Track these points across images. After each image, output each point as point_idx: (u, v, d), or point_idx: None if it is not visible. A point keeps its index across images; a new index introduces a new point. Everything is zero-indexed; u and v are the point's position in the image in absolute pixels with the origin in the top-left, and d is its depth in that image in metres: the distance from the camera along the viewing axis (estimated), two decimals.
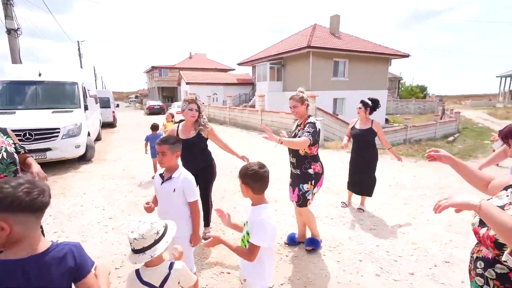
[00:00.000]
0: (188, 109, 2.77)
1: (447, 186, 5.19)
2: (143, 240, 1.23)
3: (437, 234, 3.31)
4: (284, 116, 11.42)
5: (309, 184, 2.69)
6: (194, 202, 1.98)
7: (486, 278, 1.08)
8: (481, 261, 1.11)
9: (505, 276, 1.01)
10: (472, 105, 41.83)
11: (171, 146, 1.90)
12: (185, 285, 1.41)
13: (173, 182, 1.92)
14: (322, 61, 16.50)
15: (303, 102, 2.69)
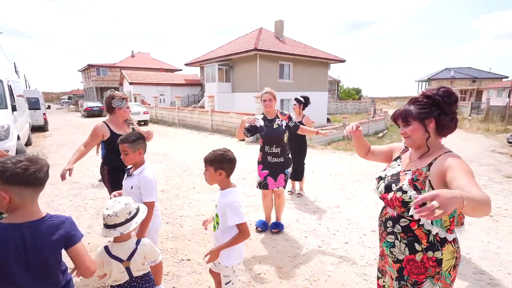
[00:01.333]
0: (126, 107, 2.67)
1: (375, 172, 6.05)
2: (116, 218, 1.38)
3: (366, 210, 3.94)
4: (234, 116, 11.71)
5: (290, 167, 3.21)
6: (150, 203, 1.88)
7: (395, 233, 1.30)
8: (390, 221, 1.33)
9: (407, 227, 1.26)
10: (398, 106, 47.76)
11: (132, 144, 1.90)
12: (150, 258, 1.58)
13: (132, 179, 1.94)
14: (268, 63, 17.25)
15: (275, 98, 3.17)
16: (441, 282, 1.22)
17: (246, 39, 19.21)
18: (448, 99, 1.25)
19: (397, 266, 1.32)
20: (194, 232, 3.32)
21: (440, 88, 1.28)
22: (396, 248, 1.31)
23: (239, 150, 8.58)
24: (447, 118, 1.26)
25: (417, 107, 1.28)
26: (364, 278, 2.46)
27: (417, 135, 1.29)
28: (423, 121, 1.27)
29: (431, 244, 1.22)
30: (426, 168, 1.24)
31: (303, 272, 2.53)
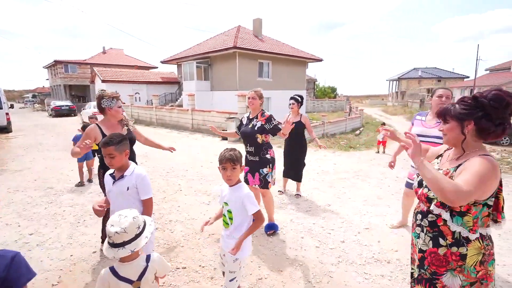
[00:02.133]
0: (117, 106, 2.55)
1: (359, 170, 6.20)
2: (125, 234, 1.23)
3: (357, 208, 3.99)
4: (215, 115, 11.50)
5: (268, 168, 3.08)
6: (148, 199, 1.90)
7: (422, 227, 1.37)
8: (419, 214, 1.40)
9: (434, 223, 1.32)
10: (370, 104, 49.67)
11: (118, 146, 1.79)
12: (161, 274, 1.45)
13: (126, 181, 1.84)
14: (247, 62, 17.14)
15: (261, 97, 3.11)
16: (463, 275, 1.24)
17: (224, 37, 18.95)
18: (495, 103, 1.20)
19: (420, 255, 1.39)
20: (186, 237, 3.17)
21: (492, 91, 1.24)
22: (420, 240, 1.38)
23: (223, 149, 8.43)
24: (490, 122, 1.21)
25: (460, 107, 1.27)
26: (365, 277, 2.47)
27: (452, 135, 1.30)
28: (462, 121, 1.25)
29: (456, 240, 1.25)
30: (454, 168, 1.27)
31: (304, 275, 2.49)
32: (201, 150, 8.32)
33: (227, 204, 1.80)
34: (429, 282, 1.33)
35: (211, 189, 4.75)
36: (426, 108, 32.05)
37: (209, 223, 1.93)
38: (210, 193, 4.57)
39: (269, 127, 3.03)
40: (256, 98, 3.08)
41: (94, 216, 3.72)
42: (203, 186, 4.91)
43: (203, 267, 2.61)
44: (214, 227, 3.34)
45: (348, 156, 8.19)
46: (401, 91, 45.79)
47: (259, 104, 3.11)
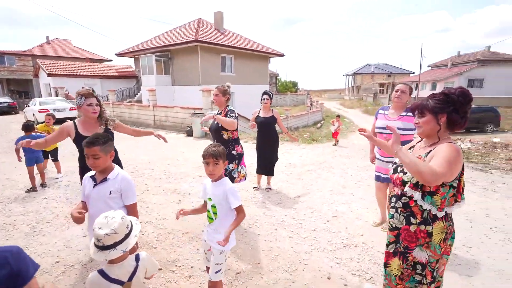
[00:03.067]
0: (86, 104, 2.40)
1: (324, 161, 6.52)
2: (115, 235, 1.19)
3: (325, 197, 4.22)
4: (179, 110, 11.16)
5: (233, 164, 3.14)
6: (133, 204, 1.83)
7: (396, 208, 1.56)
8: (394, 197, 1.59)
9: (407, 204, 1.51)
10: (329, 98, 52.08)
11: (103, 147, 1.69)
12: (150, 273, 1.42)
13: (109, 184, 1.74)
14: (210, 56, 16.83)
15: (225, 94, 3.10)
16: (430, 251, 1.45)
17: (185, 30, 18.34)
18: (462, 98, 1.40)
19: (394, 232, 1.59)
20: (159, 238, 3.08)
21: (458, 88, 1.44)
22: (395, 219, 1.58)
23: (189, 146, 8.25)
24: (458, 115, 1.41)
25: (434, 102, 1.45)
26: (336, 261, 2.64)
27: (428, 126, 1.47)
28: (437, 115, 1.44)
29: (424, 219, 1.46)
30: (425, 154, 1.46)
31: (281, 265, 2.59)
32: (166, 147, 8.04)
33: (211, 200, 1.82)
34: (403, 255, 1.54)
35: (180, 187, 4.65)
36: (378, 101, 34.51)
37: (183, 210, 1.90)
38: (180, 191, 4.47)
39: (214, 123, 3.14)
40: (219, 94, 3.10)
41: (53, 223, 3.44)
42: (172, 184, 4.78)
43: (180, 267, 2.58)
44: (188, 225, 3.31)
45: (312, 148, 8.54)
46: (357, 86, 48.63)
47: (223, 100, 3.13)
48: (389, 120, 3.04)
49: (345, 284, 2.33)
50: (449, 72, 30.24)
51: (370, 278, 2.41)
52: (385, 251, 1.66)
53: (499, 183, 4.91)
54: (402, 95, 2.96)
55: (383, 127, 3.00)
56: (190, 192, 4.41)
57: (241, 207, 1.80)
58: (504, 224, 3.38)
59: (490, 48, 32.80)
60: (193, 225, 3.31)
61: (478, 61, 29.83)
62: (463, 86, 1.73)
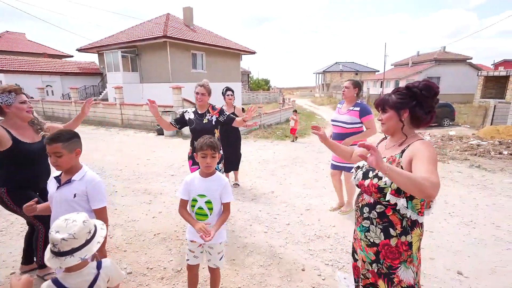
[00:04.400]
0: (19, 102, 1.97)
1: (296, 157, 6.63)
2: (74, 241, 1.08)
3: (298, 192, 4.29)
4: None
5: (221, 164, 3.07)
6: (101, 209, 1.64)
7: (371, 219, 1.37)
8: (366, 207, 1.39)
9: (383, 213, 1.33)
10: (300, 95, 53.12)
11: (67, 144, 1.54)
12: (114, 283, 1.31)
13: (73, 186, 1.58)
14: (180, 52, 16.39)
15: (210, 93, 2.98)
16: (412, 265, 1.32)
17: (152, 25, 17.66)
18: (426, 92, 1.28)
19: (373, 249, 1.38)
20: (128, 240, 2.94)
21: (422, 81, 1.32)
22: (372, 233, 1.38)
23: (160, 145, 7.98)
24: (422, 110, 1.30)
25: (395, 97, 1.35)
26: (310, 253, 2.69)
27: (390, 123, 1.38)
28: (398, 110, 1.34)
29: (404, 229, 1.31)
30: (399, 154, 1.33)
31: (256, 260, 2.58)
32: (135, 147, 7.71)
33: (205, 196, 1.77)
34: (387, 277, 1.35)
35: (151, 187, 4.48)
36: None
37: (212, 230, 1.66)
38: (150, 191, 4.30)
39: (223, 119, 3.01)
40: (206, 94, 2.96)
41: (8, 231, 3.15)
42: (141, 185, 4.59)
43: (151, 269, 2.47)
44: (160, 226, 3.20)
45: (285, 144, 8.66)
46: (326, 83, 50.12)
47: (207, 100, 3.02)
48: (339, 113, 3.35)
49: (319, 275, 2.38)
50: (410, 71, 32.16)
51: (343, 267, 2.49)
52: (370, 270, 1.44)
53: (455, 172, 5.32)
54: (346, 90, 3.27)
55: (335, 119, 3.36)
56: (162, 192, 4.26)
57: (229, 204, 1.83)
58: (460, 209, 3.66)
59: (445, 48, 35.36)
60: (165, 226, 3.21)
61: (435, 60, 32.04)
62: None
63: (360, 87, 3.31)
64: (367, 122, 3.20)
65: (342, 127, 3.28)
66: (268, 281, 2.30)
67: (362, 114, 3.19)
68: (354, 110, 3.21)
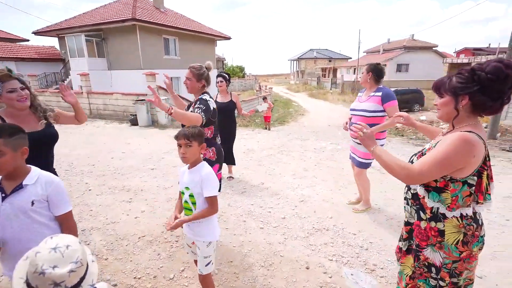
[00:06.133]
0: (6, 91, 1.68)
1: (281, 145, 6.47)
2: (82, 268, 0.81)
3: (288, 182, 4.13)
4: (120, 97, 10.00)
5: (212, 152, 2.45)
6: (67, 214, 1.36)
7: (407, 199, 1.38)
8: (406, 187, 1.40)
9: (416, 195, 1.31)
10: (276, 82, 53.06)
11: (11, 140, 1.20)
12: None
13: (28, 192, 1.25)
14: (151, 37, 15.37)
15: (200, 78, 2.33)
16: (444, 252, 1.22)
17: (119, 6, 16.34)
18: (492, 75, 1.08)
19: (407, 228, 1.39)
20: (109, 246, 2.61)
21: (492, 62, 1.10)
22: (407, 213, 1.39)
23: (135, 136, 7.44)
24: (485, 97, 1.11)
25: (456, 80, 1.17)
26: (311, 249, 2.54)
27: (445, 110, 1.22)
28: (456, 96, 1.16)
29: (434, 215, 1.24)
30: (435, 144, 1.23)
31: (256, 260, 2.39)
32: (108, 139, 7.12)
33: (188, 189, 1.63)
34: (415, 252, 1.33)
35: (130, 183, 4.09)
36: (322, 84, 36.28)
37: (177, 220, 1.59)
38: (130, 187, 3.92)
39: None
40: (192, 79, 2.32)
41: None
42: (119, 181, 4.18)
43: (139, 279, 2.19)
44: (144, 227, 2.89)
45: (267, 133, 8.47)
46: (301, 70, 50.30)
47: (197, 86, 2.34)
48: (359, 101, 3.03)
49: (324, 272, 2.24)
50: (381, 58, 33.01)
51: (347, 262, 2.37)
52: (397, 246, 1.48)
53: None
54: (362, 75, 2.98)
55: (354, 108, 3.04)
56: (143, 188, 3.90)
57: (214, 200, 1.61)
58: None
59: (413, 36, 36.64)
60: (150, 226, 2.91)
61: (404, 47, 33.11)
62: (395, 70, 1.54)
63: (378, 71, 2.87)
64: (389, 109, 2.75)
65: (362, 116, 2.89)
66: (272, 283, 2.12)
67: (384, 99, 2.76)
68: (376, 95, 2.80)
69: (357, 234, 2.78)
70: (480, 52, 31.07)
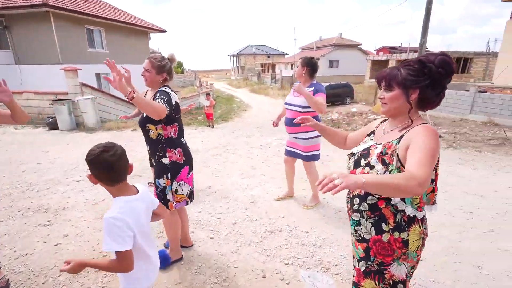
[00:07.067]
0: None
1: (227, 143, 6.26)
2: None
3: (237, 183, 3.96)
4: (32, 97, 8.47)
5: (165, 179, 2.01)
6: None
7: (361, 212, 1.20)
8: (357, 198, 1.22)
9: (375, 205, 1.15)
10: (216, 78, 52.35)
11: None
12: None
13: None
14: (70, 27, 13.42)
15: (161, 70, 2.00)
16: (407, 262, 1.16)
17: None
18: (443, 69, 1.05)
19: (363, 245, 1.21)
20: (20, 285, 2.07)
21: (438, 55, 1.06)
22: (362, 227, 1.21)
23: (55, 142, 6.34)
24: (433, 91, 1.08)
25: (406, 72, 1.09)
26: (266, 254, 2.42)
27: (395, 104, 1.13)
28: (407, 89, 1.09)
29: (397, 224, 1.13)
30: (396, 141, 1.12)
31: (207, 277, 2.15)
32: (18, 147, 5.92)
33: None
34: (378, 274, 1.18)
35: (48, 201, 3.40)
36: (262, 80, 36.99)
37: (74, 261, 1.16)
38: (48, 207, 3.25)
39: None
40: (152, 70, 1.97)
41: None
42: (32, 200, 3.44)
43: None
44: (68, 255, 2.40)
45: (211, 130, 8.15)
46: (241, 66, 50.49)
47: (157, 80, 2.00)
48: (295, 96, 2.99)
49: (281, 279, 2.13)
50: (315, 54, 35.06)
51: (303, 263, 2.30)
52: (356, 268, 1.28)
53: None
54: (296, 69, 2.96)
55: (288, 102, 3.04)
56: (65, 206, 3.27)
57: (120, 256, 1.12)
58: None
59: (341, 34, 39.86)
60: (76, 254, 2.42)
61: (334, 45, 35.82)
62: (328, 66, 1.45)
63: (312, 65, 2.89)
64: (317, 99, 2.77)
65: (296, 111, 2.90)
66: None
67: (314, 92, 2.80)
68: (309, 91, 2.81)
69: (309, 231, 2.76)
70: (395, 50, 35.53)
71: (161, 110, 1.82)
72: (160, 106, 1.83)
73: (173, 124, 2.01)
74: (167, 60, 2.05)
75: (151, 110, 1.79)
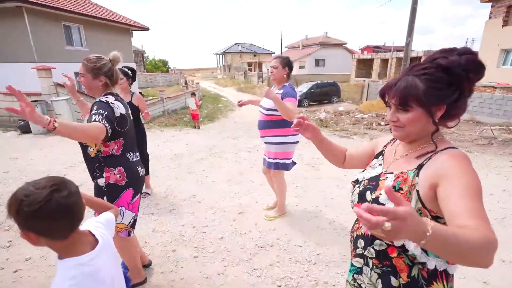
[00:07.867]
0: None
1: (213, 146, 5.98)
2: None
3: (224, 191, 3.70)
4: (1, 98, 7.87)
5: None
6: None
7: (366, 258, 0.93)
8: (361, 239, 0.94)
9: (384, 253, 0.87)
10: (202, 77, 51.66)
11: None
12: None
13: None
14: (46, 23, 12.70)
15: (98, 73, 1.67)
16: None
17: None
18: (474, 74, 0.78)
19: None
20: None
21: (462, 54, 0.78)
22: (364, 277, 0.92)
23: (26, 148, 5.87)
24: (462, 102, 0.81)
25: (426, 85, 0.79)
26: (257, 275, 2.18)
27: (415, 127, 0.83)
28: (430, 107, 0.80)
29: (413, 280, 0.83)
30: (414, 171, 0.83)
31: None
32: None
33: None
34: None
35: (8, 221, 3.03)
36: (249, 79, 36.71)
37: None
38: (10, 224, 2.90)
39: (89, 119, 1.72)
40: (85, 73, 1.68)
41: None
42: None
43: None
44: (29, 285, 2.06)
45: (197, 132, 7.84)
46: (228, 65, 50.00)
47: (96, 85, 1.70)
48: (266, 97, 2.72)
49: None
50: (301, 53, 35.17)
51: (297, 284, 2.09)
52: None
53: None
54: (274, 71, 2.67)
55: (260, 105, 2.88)
56: None
57: None
58: None
59: (327, 33, 40.08)
60: (39, 281, 2.10)
61: (320, 44, 35.97)
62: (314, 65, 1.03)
63: (291, 65, 2.69)
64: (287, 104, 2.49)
65: (262, 113, 2.74)
66: None
67: (283, 97, 2.51)
68: (278, 93, 2.55)
69: (302, 245, 2.54)
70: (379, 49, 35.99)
71: (95, 133, 1.47)
72: (94, 128, 1.47)
73: (118, 139, 1.70)
74: (105, 61, 1.73)
75: (82, 137, 1.46)
